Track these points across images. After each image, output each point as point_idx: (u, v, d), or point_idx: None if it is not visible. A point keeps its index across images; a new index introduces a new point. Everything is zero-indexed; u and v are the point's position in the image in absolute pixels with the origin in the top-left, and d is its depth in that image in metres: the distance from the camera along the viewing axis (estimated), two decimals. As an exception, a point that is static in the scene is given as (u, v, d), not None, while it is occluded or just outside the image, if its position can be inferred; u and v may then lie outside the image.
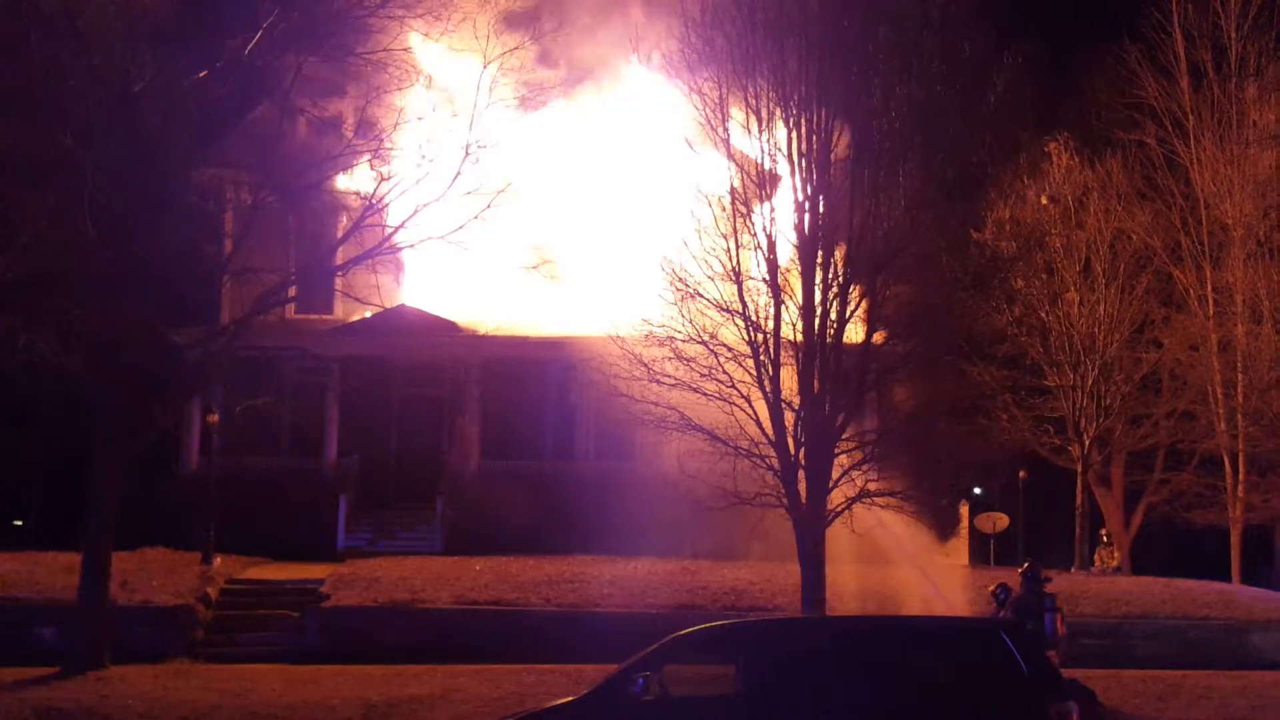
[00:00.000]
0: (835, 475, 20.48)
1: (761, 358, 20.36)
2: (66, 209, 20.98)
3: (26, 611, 22.55)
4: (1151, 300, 34.61)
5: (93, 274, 21.05)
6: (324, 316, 31.00)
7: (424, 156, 22.99)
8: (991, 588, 20.11)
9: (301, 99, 23.09)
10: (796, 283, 20.58)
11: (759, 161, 20.73)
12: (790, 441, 20.31)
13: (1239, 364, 34.09)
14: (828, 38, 20.32)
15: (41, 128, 20.60)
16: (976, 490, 35.01)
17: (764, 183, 20.74)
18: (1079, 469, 34.12)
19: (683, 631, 12.83)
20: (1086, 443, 33.83)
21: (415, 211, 22.96)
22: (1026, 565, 19.26)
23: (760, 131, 20.47)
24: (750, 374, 20.41)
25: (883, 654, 12.48)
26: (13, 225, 21.51)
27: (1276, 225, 34.18)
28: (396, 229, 23.24)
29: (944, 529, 24.09)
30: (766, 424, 20.32)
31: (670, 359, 20.64)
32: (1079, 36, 36.87)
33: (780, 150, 20.56)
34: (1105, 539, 33.99)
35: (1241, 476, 34.63)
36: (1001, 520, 35.01)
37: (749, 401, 20.38)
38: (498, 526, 27.67)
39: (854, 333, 20.72)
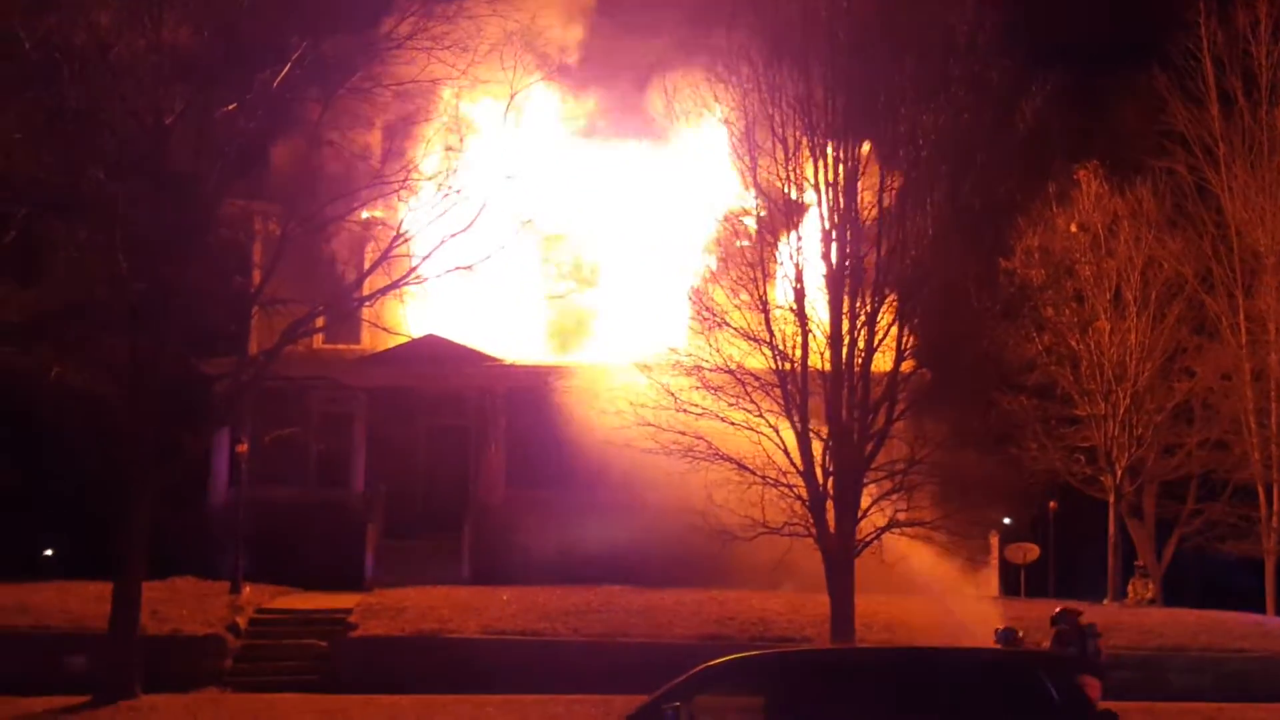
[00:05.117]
0: (864, 505, 20.38)
1: (789, 387, 20.32)
2: (98, 241, 21.19)
3: (58, 640, 22.56)
4: (1183, 329, 34.29)
5: (124, 305, 21.24)
6: (351, 346, 31.09)
7: (451, 187, 23.10)
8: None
9: (330, 130, 23.25)
10: (824, 311, 20.54)
11: (785, 191, 20.71)
12: (818, 471, 20.24)
13: (1272, 393, 33.78)
14: (854, 67, 20.34)
15: (74, 161, 20.83)
16: (1006, 520, 34.71)
17: (791, 212, 20.73)
18: (1111, 499, 33.81)
19: (712, 662, 12.73)
20: (1118, 473, 33.56)
21: (442, 242, 23.13)
22: (1060, 610, 18.95)
23: (787, 161, 20.47)
24: (778, 403, 20.37)
25: (913, 685, 12.33)
26: (46, 257, 21.75)
27: (1309, 253, 33.92)
28: (424, 259, 23.39)
29: (974, 559, 23.83)
30: (794, 453, 20.25)
31: (697, 388, 20.64)
32: (1108, 64, 36.76)
33: (807, 179, 20.55)
34: (1141, 570, 33.62)
35: (1276, 507, 34.23)
36: (1032, 551, 34.69)
37: (776, 431, 20.33)
38: (524, 556, 27.62)
39: (882, 361, 20.64)
